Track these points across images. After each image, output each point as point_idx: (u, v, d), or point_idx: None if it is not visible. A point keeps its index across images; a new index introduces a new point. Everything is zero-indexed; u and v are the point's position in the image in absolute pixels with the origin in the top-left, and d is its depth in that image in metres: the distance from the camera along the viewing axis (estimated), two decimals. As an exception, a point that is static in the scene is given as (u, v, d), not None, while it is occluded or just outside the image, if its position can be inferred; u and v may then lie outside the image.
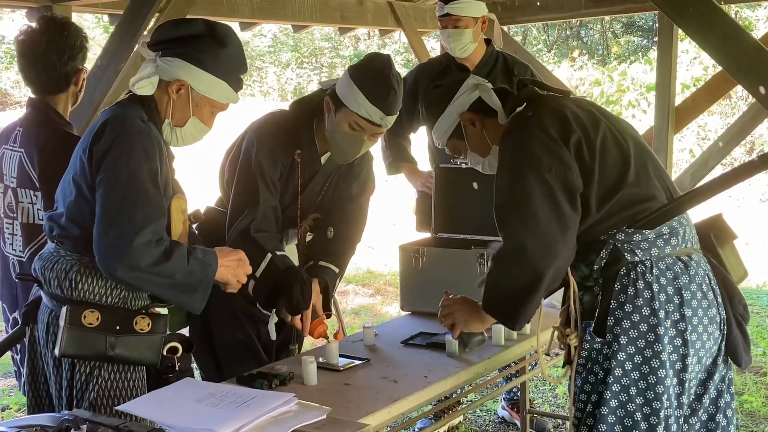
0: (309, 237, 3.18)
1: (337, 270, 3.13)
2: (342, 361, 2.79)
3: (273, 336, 3.00)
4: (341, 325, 3.11)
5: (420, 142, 4.34)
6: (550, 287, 2.46)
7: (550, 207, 2.36)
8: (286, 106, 3.21)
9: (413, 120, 4.15)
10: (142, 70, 2.47)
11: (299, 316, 2.89)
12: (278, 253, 2.93)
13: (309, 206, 3.13)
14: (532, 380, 4.90)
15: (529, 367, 3.81)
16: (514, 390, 4.30)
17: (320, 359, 2.75)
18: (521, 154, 2.44)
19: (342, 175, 3.15)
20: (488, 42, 4.11)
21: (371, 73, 2.86)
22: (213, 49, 2.46)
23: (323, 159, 3.08)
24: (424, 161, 4.32)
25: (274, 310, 2.94)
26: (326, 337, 2.90)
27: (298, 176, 3.03)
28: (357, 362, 2.81)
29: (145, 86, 2.44)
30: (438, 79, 2.72)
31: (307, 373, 2.59)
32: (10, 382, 5.23)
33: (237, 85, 2.53)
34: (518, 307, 2.47)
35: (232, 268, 2.55)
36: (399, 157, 4.28)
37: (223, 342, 3.12)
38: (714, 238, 2.57)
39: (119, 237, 2.26)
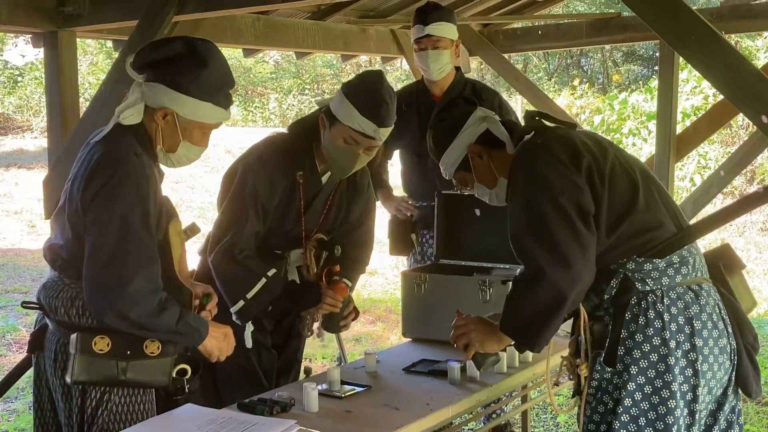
0: (312, 253, 3.20)
1: (350, 284, 3.23)
2: (343, 388, 2.77)
3: (249, 344, 3.03)
4: (342, 352, 3.09)
5: (395, 167, 4.37)
6: (571, 309, 2.44)
7: (567, 229, 2.34)
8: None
9: (387, 148, 4.11)
10: (130, 95, 2.43)
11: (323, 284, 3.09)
12: (269, 273, 3.00)
13: (312, 226, 3.15)
14: (534, 408, 4.87)
15: (536, 393, 3.78)
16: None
17: (322, 386, 2.74)
18: (533, 180, 2.44)
19: (344, 192, 3.19)
20: (457, 69, 4.14)
21: (363, 87, 2.93)
22: (194, 71, 2.38)
23: (324, 179, 3.11)
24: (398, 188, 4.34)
25: (249, 321, 3.01)
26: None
27: (300, 197, 3.05)
28: (358, 389, 2.78)
29: (130, 116, 2.39)
30: (443, 113, 2.77)
31: (309, 399, 2.57)
32: (10, 406, 5.20)
33: (225, 101, 2.47)
34: (539, 329, 2.44)
35: (218, 341, 2.54)
36: (375, 184, 4.30)
37: (223, 367, 3.09)
38: (723, 267, 2.55)
39: (112, 283, 2.24)
